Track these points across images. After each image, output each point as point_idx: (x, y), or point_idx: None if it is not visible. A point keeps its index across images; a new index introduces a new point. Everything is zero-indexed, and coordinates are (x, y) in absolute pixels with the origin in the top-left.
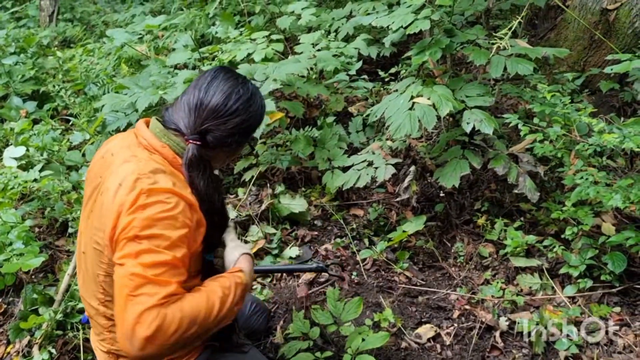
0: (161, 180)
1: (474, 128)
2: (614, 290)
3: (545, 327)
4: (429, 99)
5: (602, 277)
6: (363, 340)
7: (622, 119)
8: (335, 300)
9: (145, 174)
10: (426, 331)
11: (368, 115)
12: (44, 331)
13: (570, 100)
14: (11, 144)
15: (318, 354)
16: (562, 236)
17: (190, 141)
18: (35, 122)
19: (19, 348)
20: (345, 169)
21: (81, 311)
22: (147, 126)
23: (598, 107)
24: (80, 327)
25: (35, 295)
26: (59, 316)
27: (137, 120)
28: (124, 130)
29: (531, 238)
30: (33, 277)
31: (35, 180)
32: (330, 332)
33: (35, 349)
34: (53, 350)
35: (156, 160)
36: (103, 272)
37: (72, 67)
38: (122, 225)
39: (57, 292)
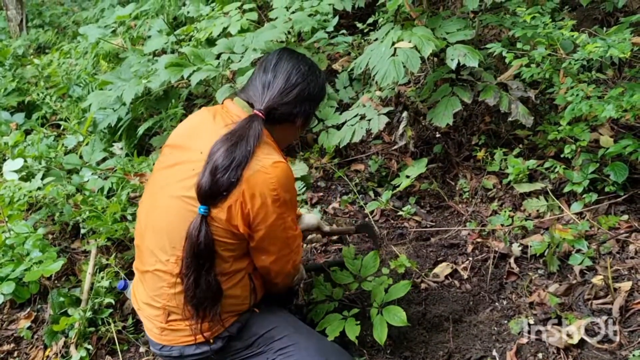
0: None
1: (459, 63)
2: (619, 199)
3: (557, 246)
4: (410, 41)
5: (607, 189)
6: (386, 292)
7: (605, 30)
8: (352, 258)
9: None
10: (443, 269)
11: (352, 70)
12: (77, 330)
13: (551, 20)
14: (8, 158)
15: (345, 312)
16: (562, 156)
17: (256, 112)
18: (27, 132)
19: (57, 350)
20: (339, 127)
21: (108, 306)
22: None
23: (581, 22)
24: (111, 320)
25: (61, 299)
26: (88, 314)
27: (127, 113)
28: (115, 126)
29: (532, 162)
30: (56, 282)
31: (39, 188)
32: (352, 290)
33: (72, 349)
34: (89, 347)
35: None
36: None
37: (52, 73)
38: None
39: (82, 292)
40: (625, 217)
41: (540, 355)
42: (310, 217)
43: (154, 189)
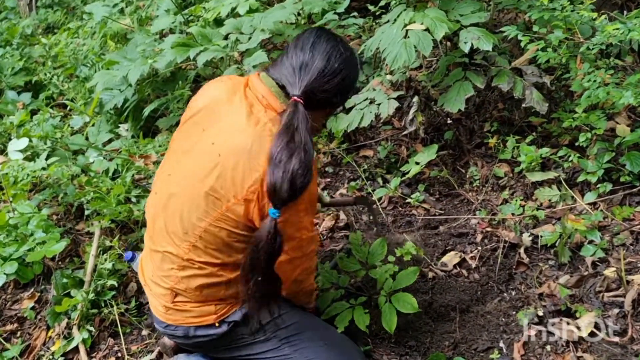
0: None
1: (472, 47)
2: (634, 190)
3: (569, 236)
4: (422, 23)
5: (622, 179)
6: (394, 279)
7: (625, 14)
8: (359, 245)
9: None
10: (451, 258)
11: (362, 52)
12: (79, 312)
13: (569, 2)
14: (13, 138)
15: (352, 300)
16: (576, 144)
17: (296, 98)
18: (34, 112)
19: (59, 331)
20: (347, 111)
21: (111, 288)
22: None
23: (599, 7)
24: (114, 302)
25: (65, 280)
26: (91, 296)
27: (133, 95)
28: (121, 107)
29: (545, 150)
30: (60, 263)
31: (43, 168)
32: (359, 278)
33: (74, 330)
34: (92, 328)
35: None
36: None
37: (59, 52)
38: None
39: (86, 274)
40: None
41: (548, 347)
42: None
43: (170, 164)
